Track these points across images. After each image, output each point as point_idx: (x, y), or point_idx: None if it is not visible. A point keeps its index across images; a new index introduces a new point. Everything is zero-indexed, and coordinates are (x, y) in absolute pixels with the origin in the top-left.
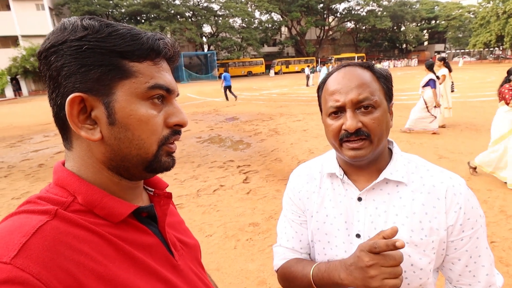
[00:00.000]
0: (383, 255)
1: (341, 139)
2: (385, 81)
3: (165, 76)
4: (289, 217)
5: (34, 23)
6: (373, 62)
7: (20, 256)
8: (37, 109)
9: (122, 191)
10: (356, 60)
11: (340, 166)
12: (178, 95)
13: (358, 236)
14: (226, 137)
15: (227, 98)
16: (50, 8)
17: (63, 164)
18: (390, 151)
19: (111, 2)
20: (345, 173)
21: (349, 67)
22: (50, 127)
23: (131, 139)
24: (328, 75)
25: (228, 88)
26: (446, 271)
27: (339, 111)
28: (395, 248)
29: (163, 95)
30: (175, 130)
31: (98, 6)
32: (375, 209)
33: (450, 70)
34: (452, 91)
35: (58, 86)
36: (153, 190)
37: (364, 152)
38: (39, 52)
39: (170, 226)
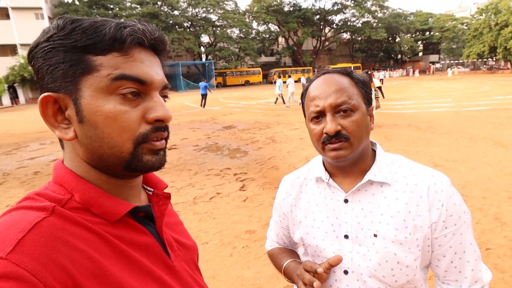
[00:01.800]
0: (299, 275)
1: (323, 142)
2: (363, 85)
3: (138, 66)
4: (275, 218)
5: (33, 32)
6: (369, 72)
7: (16, 252)
8: (34, 117)
9: (114, 189)
10: (363, 73)
11: (326, 170)
12: (166, 87)
13: (346, 237)
14: (223, 145)
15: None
16: (49, 18)
17: (63, 162)
18: (374, 153)
19: (110, 12)
20: (331, 176)
21: (328, 74)
22: (46, 135)
23: (101, 137)
24: (310, 82)
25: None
26: (433, 267)
27: (320, 115)
28: (315, 272)
29: (136, 89)
30: (157, 126)
31: (97, 16)
32: (361, 210)
33: (371, 81)
34: (376, 97)
35: (40, 88)
36: (152, 190)
37: (344, 152)
38: (27, 59)
39: (167, 226)
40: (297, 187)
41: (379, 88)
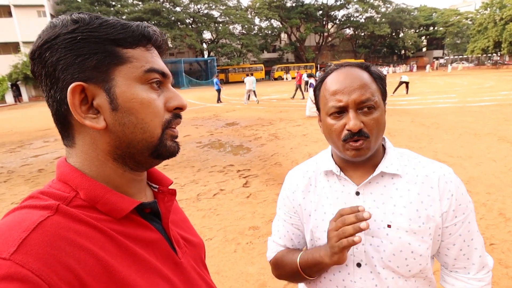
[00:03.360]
0: (340, 220)
1: (344, 139)
2: (381, 81)
3: (159, 61)
4: (281, 216)
5: (35, 30)
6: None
7: (20, 252)
8: (37, 114)
9: (125, 184)
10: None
11: (336, 163)
12: (172, 81)
13: None
14: (226, 142)
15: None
16: (51, 15)
17: (66, 160)
18: (383, 147)
19: (112, 9)
20: (341, 169)
21: (348, 67)
22: (50, 133)
23: (135, 123)
24: (326, 74)
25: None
26: (442, 257)
27: (341, 111)
28: (358, 211)
29: (159, 80)
30: (176, 114)
31: (99, 13)
32: (373, 202)
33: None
34: None
35: (56, 81)
36: (157, 186)
37: (364, 151)
38: (32, 52)
39: (174, 223)
40: (306, 181)
41: (407, 83)
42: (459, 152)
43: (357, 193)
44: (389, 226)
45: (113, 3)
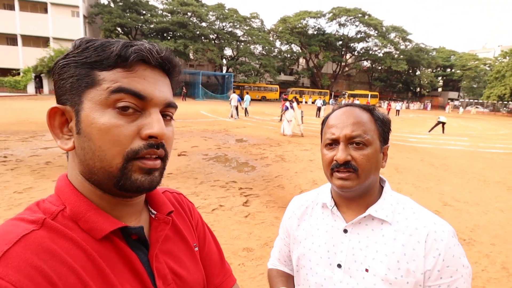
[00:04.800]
0: None
1: (332, 168)
2: (381, 124)
3: (140, 82)
4: (280, 235)
5: (67, 28)
6: (387, 101)
7: (1, 264)
8: None
9: (109, 206)
10: (369, 98)
11: (332, 197)
12: (170, 106)
13: (339, 266)
14: (232, 158)
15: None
16: (84, 16)
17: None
18: (382, 189)
19: (142, 17)
20: (336, 204)
21: (350, 106)
22: None
23: (93, 149)
24: (332, 111)
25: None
26: None
27: (333, 143)
28: None
29: (134, 104)
30: (150, 143)
31: (129, 19)
32: (358, 243)
33: (298, 103)
34: (302, 117)
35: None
36: (155, 213)
37: (350, 183)
38: None
39: (167, 254)
40: (303, 209)
41: (443, 123)
42: (467, 197)
43: (345, 231)
44: (366, 270)
45: (144, 11)
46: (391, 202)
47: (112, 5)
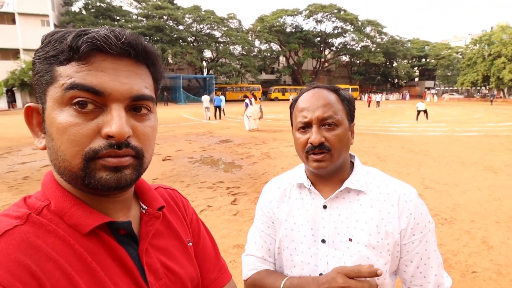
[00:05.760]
0: (359, 280)
1: (307, 151)
2: (348, 103)
3: (96, 75)
4: (259, 227)
5: (37, 38)
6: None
7: None
8: None
9: (92, 202)
10: (349, 92)
11: (308, 177)
12: (142, 99)
13: (323, 241)
14: (218, 159)
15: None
16: (55, 25)
17: None
18: (353, 164)
19: (116, 23)
20: (312, 183)
21: (317, 88)
22: None
23: (56, 149)
24: (300, 94)
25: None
26: (401, 273)
27: (306, 126)
28: (376, 275)
29: (92, 99)
30: (110, 142)
31: (103, 26)
32: (338, 216)
33: (256, 99)
34: (260, 111)
35: None
36: (146, 208)
37: (325, 164)
38: None
39: (159, 249)
40: (281, 191)
41: (425, 111)
42: (446, 179)
43: (325, 207)
44: (350, 240)
45: (118, 17)
46: (362, 173)
47: (84, 12)
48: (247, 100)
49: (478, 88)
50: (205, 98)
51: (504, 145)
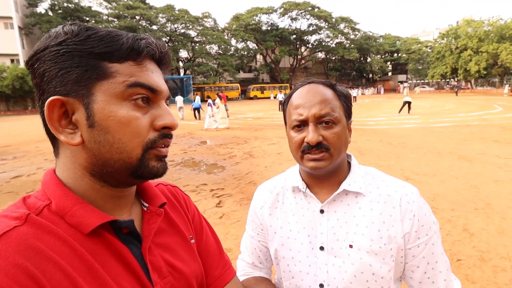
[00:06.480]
0: None
1: (303, 151)
2: (345, 99)
3: (150, 76)
4: (249, 233)
5: (1, 41)
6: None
7: None
8: None
9: (102, 199)
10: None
11: (303, 179)
12: (169, 97)
13: (321, 248)
14: (199, 161)
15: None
16: (19, 27)
17: (55, 169)
18: (349, 164)
19: (86, 24)
20: (307, 186)
21: (313, 84)
22: (8, 150)
23: (111, 142)
24: (294, 90)
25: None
26: (407, 279)
27: (302, 124)
28: None
29: (147, 96)
30: (164, 133)
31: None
32: (337, 221)
33: (221, 99)
34: (227, 110)
35: (42, 93)
36: (147, 205)
37: (324, 163)
38: (26, 62)
39: (162, 247)
40: (273, 196)
41: (409, 103)
42: (424, 170)
43: (322, 211)
44: (350, 246)
45: (87, 18)
46: (360, 174)
47: (50, 13)
48: (210, 101)
49: (448, 80)
50: (179, 98)
51: (476, 134)
